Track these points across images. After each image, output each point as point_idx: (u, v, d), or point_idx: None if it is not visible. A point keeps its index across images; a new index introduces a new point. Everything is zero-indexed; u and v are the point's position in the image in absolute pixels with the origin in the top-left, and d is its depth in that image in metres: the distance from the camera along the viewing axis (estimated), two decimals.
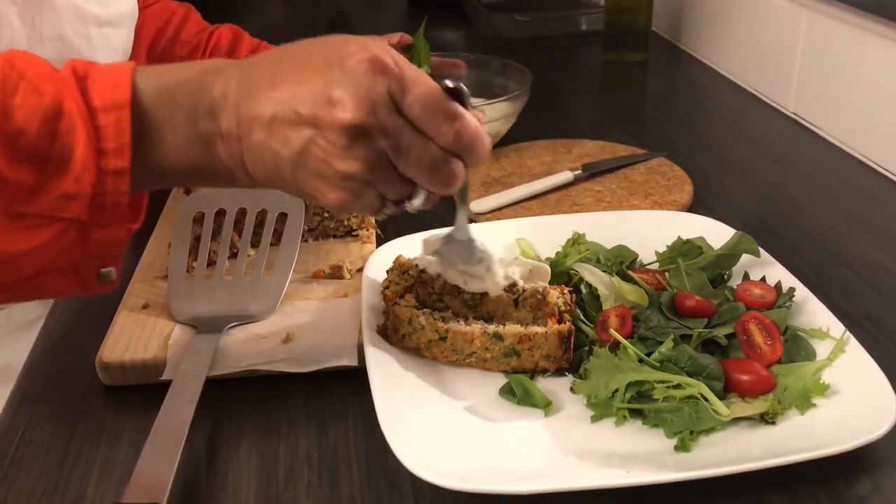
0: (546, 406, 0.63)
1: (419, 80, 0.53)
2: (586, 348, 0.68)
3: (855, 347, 0.64)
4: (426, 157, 0.54)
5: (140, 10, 1.02)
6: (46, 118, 0.49)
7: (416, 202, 0.57)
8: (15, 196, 0.49)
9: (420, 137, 0.53)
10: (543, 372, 0.67)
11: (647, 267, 0.78)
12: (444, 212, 0.96)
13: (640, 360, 0.63)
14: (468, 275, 0.68)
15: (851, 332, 0.65)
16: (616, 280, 0.72)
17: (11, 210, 0.50)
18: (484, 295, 0.69)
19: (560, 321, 0.68)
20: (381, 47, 0.53)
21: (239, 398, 0.67)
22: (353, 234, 0.86)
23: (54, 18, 0.81)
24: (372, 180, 0.54)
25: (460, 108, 0.54)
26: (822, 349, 0.66)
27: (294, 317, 0.73)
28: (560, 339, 0.66)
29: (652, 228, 0.81)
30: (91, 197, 0.51)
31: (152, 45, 1.09)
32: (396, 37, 1.17)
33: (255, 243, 0.79)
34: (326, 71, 0.52)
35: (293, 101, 0.52)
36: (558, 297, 0.69)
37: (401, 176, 0.55)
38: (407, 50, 1.14)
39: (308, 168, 0.53)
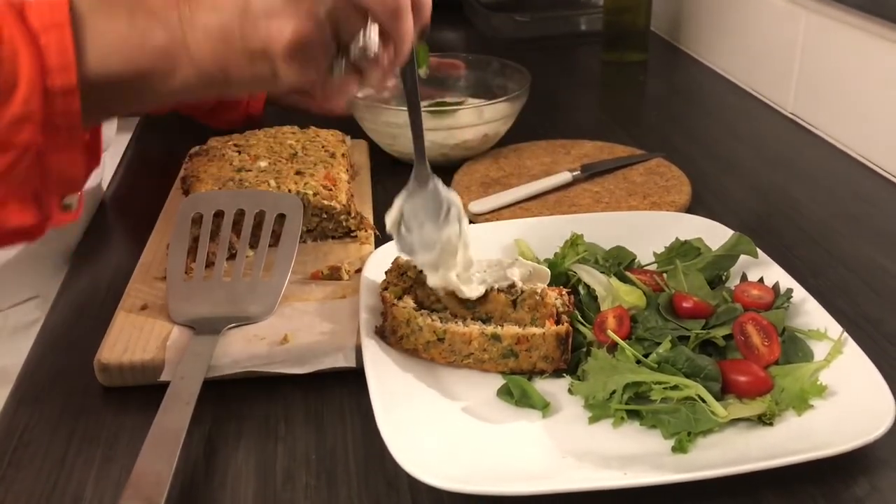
0: (544, 407, 0.63)
1: None
2: (584, 349, 0.68)
3: (852, 348, 0.64)
4: None
5: None
6: None
7: (372, 38, 0.55)
8: None
9: None
10: (541, 373, 0.67)
11: (645, 268, 0.78)
12: None
13: (638, 362, 0.63)
14: (437, 255, 0.68)
15: (849, 333, 0.65)
16: (614, 281, 0.72)
17: None
18: (483, 295, 0.69)
19: (558, 322, 0.68)
20: None
21: (237, 399, 0.67)
22: (352, 235, 0.86)
23: None
24: (320, 19, 0.52)
25: None
26: (819, 350, 0.66)
27: (292, 318, 0.73)
28: (558, 340, 0.66)
29: (650, 229, 0.81)
30: (42, 118, 0.51)
31: None
32: None
33: (253, 244, 0.79)
34: None
35: None
36: (556, 299, 0.70)
37: (351, 10, 0.54)
38: None
39: (256, 9, 0.52)
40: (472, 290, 0.69)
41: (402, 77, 0.64)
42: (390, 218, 0.69)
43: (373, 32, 0.55)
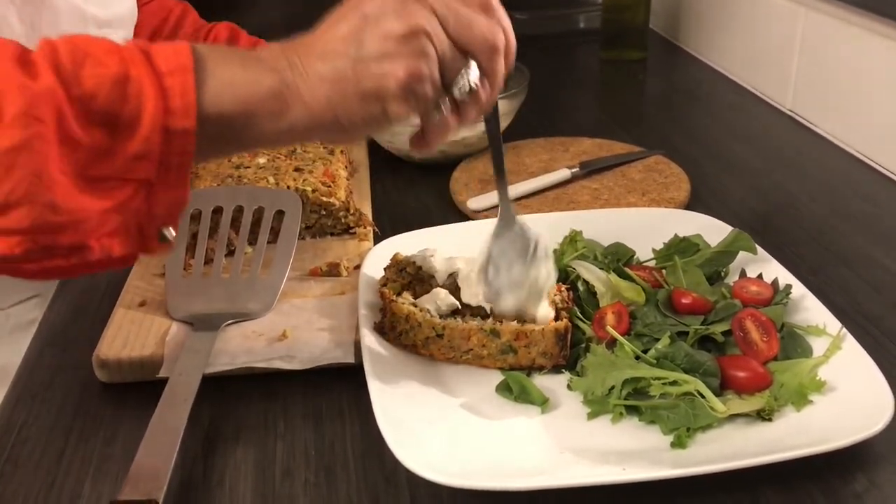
0: (543, 403, 0.63)
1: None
2: (583, 345, 0.68)
3: (851, 344, 0.64)
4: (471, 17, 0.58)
5: (138, 8, 1.02)
6: (116, 82, 0.51)
7: (474, 75, 0.58)
8: (90, 159, 0.52)
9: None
10: (540, 369, 0.67)
11: (644, 264, 0.78)
12: (442, 212, 0.96)
13: (637, 357, 0.63)
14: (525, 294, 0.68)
15: (848, 329, 0.65)
16: (613, 277, 0.72)
17: (87, 173, 0.52)
18: None
19: (557, 318, 0.68)
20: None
21: (235, 395, 0.67)
22: (351, 231, 0.86)
23: (54, 19, 0.81)
24: (429, 33, 0.55)
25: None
26: (818, 346, 0.66)
27: (291, 314, 0.73)
28: (557, 336, 0.66)
29: (649, 226, 0.81)
30: (160, 156, 0.53)
31: None
32: None
33: (252, 241, 0.79)
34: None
35: (336, 25, 0.56)
36: (555, 295, 0.69)
37: (453, 44, 0.57)
38: None
39: (369, 53, 0.55)
40: (470, 297, 0.68)
41: (486, 120, 0.66)
42: (478, 263, 0.69)
43: (474, 70, 0.58)
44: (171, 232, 0.58)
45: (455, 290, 0.70)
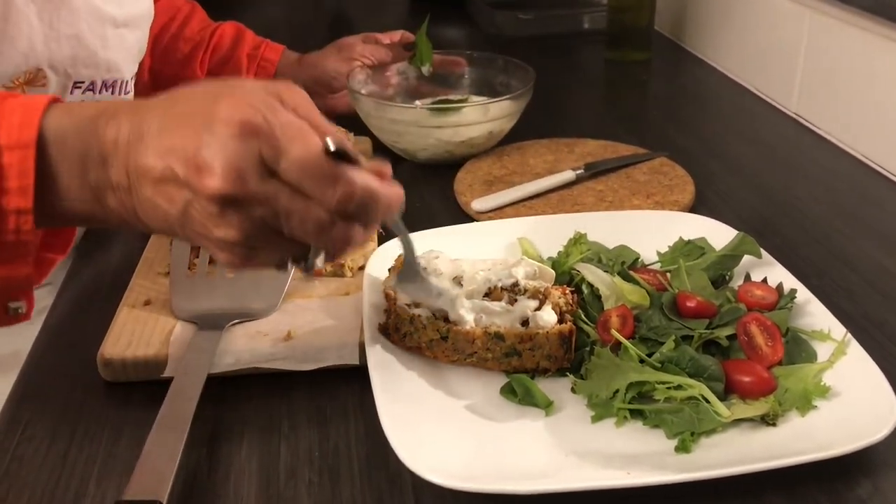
0: (547, 406, 0.63)
1: (296, 140, 0.49)
2: (587, 348, 0.68)
3: (856, 349, 0.64)
4: (309, 222, 0.50)
5: None
6: None
7: (317, 262, 0.54)
8: None
9: (300, 202, 0.50)
10: (545, 372, 0.67)
11: (649, 267, 0.78)
12: (446, 213, 0.96)
13: (641, 361, 0.63)
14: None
15: (853, 334, 0.65)
16: (617, 280, 0.72)
17: None
18: (486, 295, 0.69)
19: (561, 321, 0.68)
20: (256, 104, 0.49)
21: (240, 396, 0.67)
22: None
23: (72, 18, 0.82)
24: (255, 246, 0.52)
25: (345, 170, 0.50)
26: (823, 351, 0.66)
27: (295, 315, 0.73)
28: (561, 339, 0.66)
29: (654, 229, 0.81)
30: None
31: (156, 41, 1.09)
32: (397, 35, 1.17)
33: None
34: (200, 130, 0.49)
35: (172, 159, 0.50)
36: (560, 297, 0.69)
37: (290, 238, 0.52)
38: (408, 48, 1.15)
39: (193, 229, 0.52)
40: (462, 320, 0.67)
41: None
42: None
43: (318, 259, 0.54)
44: (21, 306, 0.57)
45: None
